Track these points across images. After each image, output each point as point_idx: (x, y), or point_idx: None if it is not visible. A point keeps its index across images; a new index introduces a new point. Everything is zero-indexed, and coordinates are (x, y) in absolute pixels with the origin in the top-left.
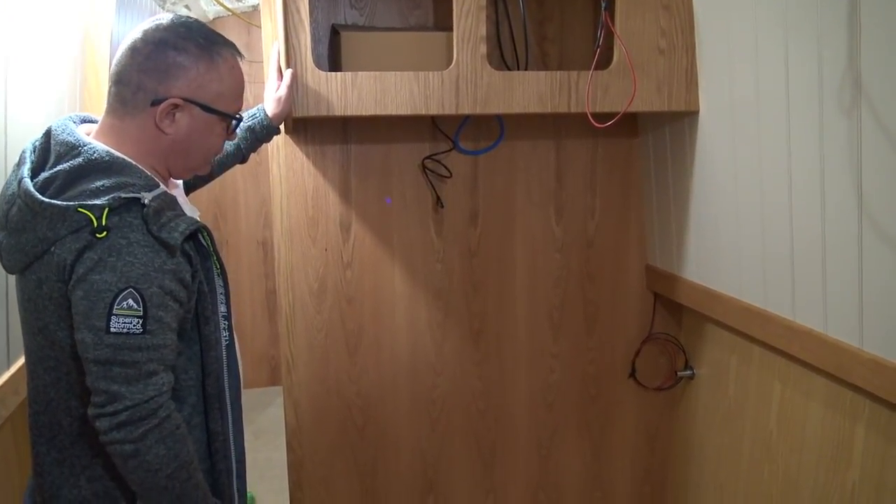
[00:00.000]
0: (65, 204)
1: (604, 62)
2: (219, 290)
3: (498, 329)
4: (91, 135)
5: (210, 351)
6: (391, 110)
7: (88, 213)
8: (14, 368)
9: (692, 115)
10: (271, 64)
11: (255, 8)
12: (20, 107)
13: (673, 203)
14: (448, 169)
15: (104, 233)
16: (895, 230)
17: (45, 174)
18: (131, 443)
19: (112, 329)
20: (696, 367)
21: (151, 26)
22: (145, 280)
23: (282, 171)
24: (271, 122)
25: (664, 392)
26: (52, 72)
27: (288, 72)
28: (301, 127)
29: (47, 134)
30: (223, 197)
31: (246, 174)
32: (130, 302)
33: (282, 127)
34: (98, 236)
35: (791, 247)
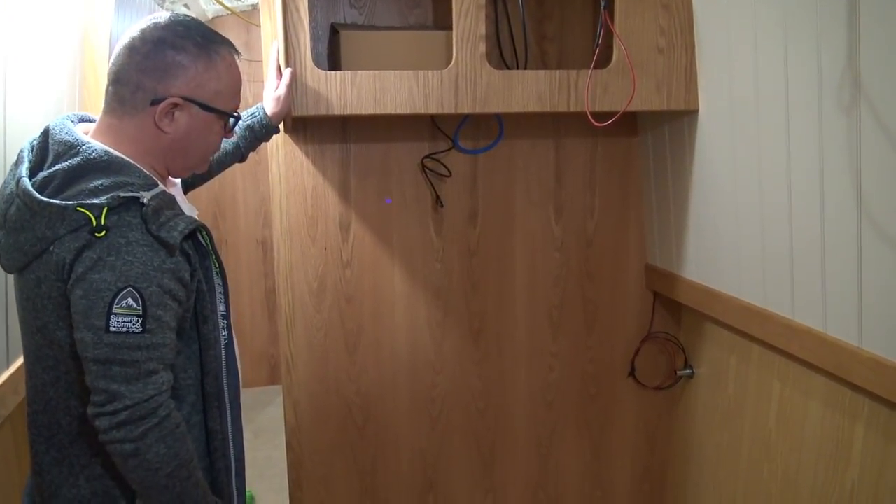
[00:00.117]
0: (64, 203)
1: (603, 61)
2: (217, 289)
3: (497, 328)
4: (89, 134)
5: (209, 350)
6: (390, 109)
7: (87, 213)
8: (13, 368)
9: (691, 114)
10: (270, 63)
11: (255, 7)
12: (19, 106)
13: (672, 202)
14: (447, 168)
15: (103, 232)
16: (894, 229)
17: (44, 173)
18: (131, 442)
19: (111, 328)
20: (696, 366)
21: (149, 25)
22: (144, 279)
23: (281, 170)
24: (270, 122)
25: (664, 391)
26: (51, 71)
27: (287, 71)
28: (300, 126)
29: (45, 133)
30: (222, 196)
31: (245, 173)
32: (130, 301)
33: (281, 126)
34: (97, 235)
35: (790, 246)
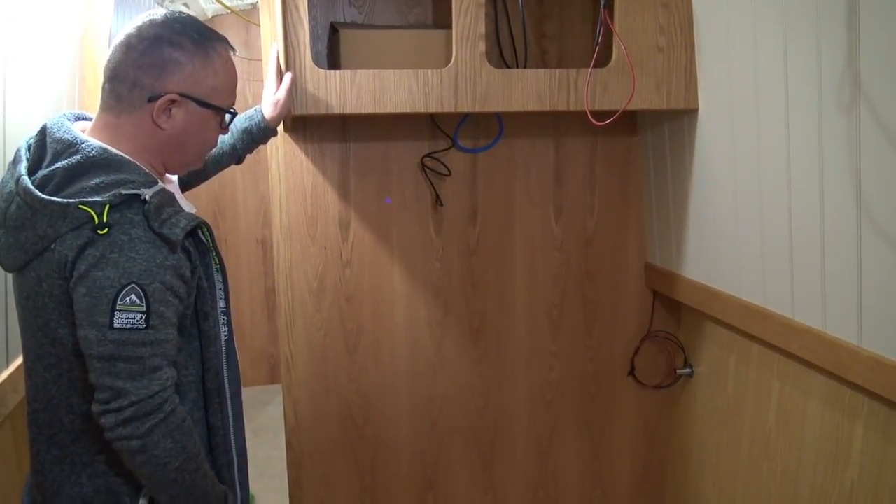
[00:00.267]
0: (66, 201)
1: (603, 60)
2: (218, 286)
3: (497, 327)
4: (86, 132)
5: (209, 346)
6: (390, 108)
7: (89, 210)
8: (13, 367)
9: (691, 113)
10: (270, 65)
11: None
12: (18, 106)
13: (672, 201)
14: (447, 167)
15: (105, 229)
16: (894, 228)
17: (43, 172)
18: (138, 438)
19: (115, 325)
20: (695, 365)
21: (146, 22)
22: (147, 276)
23: (281, 170)
24: (268, 125)
25: (663, 390)
26: (51, 71)
27: (287, 75)
28: (300, 125)
29: (42, 132)
30: (222, 195)
31: (245, 172)
32: (133, 298)
33: (280, 127)
34: (99, 233)
35: (790, 245)
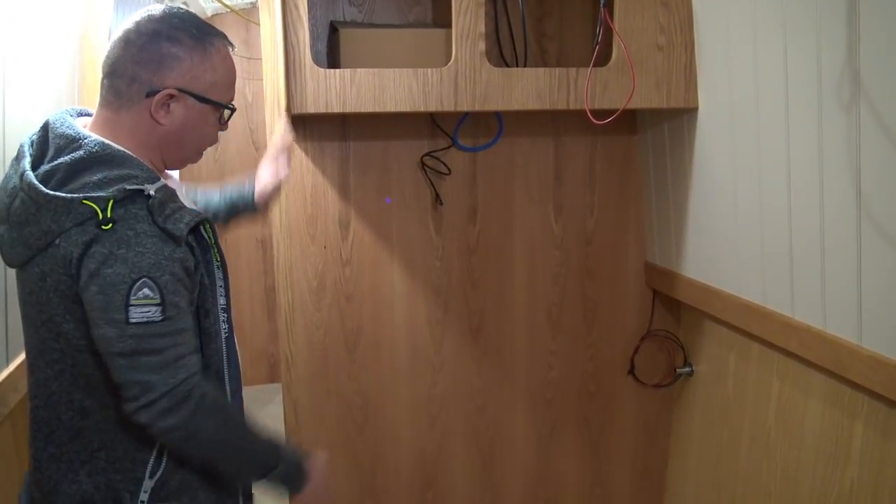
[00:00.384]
0: (70, 196)
1: (603, 59)
2: (218, 283)
3: (497, 326)
4: (87, 128)
5: (210, 343)
6: (390, 107)
7: (93, 206)
8: (13, 366)
9: (691, 112)
10: (274, 140)
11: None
12: (18, 105)
13: (672, 200)
14: (447, 166)
15: (110, 224)
16: (894, 226)
17: (46, 167)
18: (179, 428)
19: (132, 320)
20: (695, 364)
21: (144, 17)
22: (157, 269)
23: None
24: (255, 203)
25: (663, 389)
26: (50, 70)
27: (283, 162)
28: (300, 124)
29: (45, 127)
30: None
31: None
32: (146, 291)
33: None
34: (104, 228)
35: (790, 243)
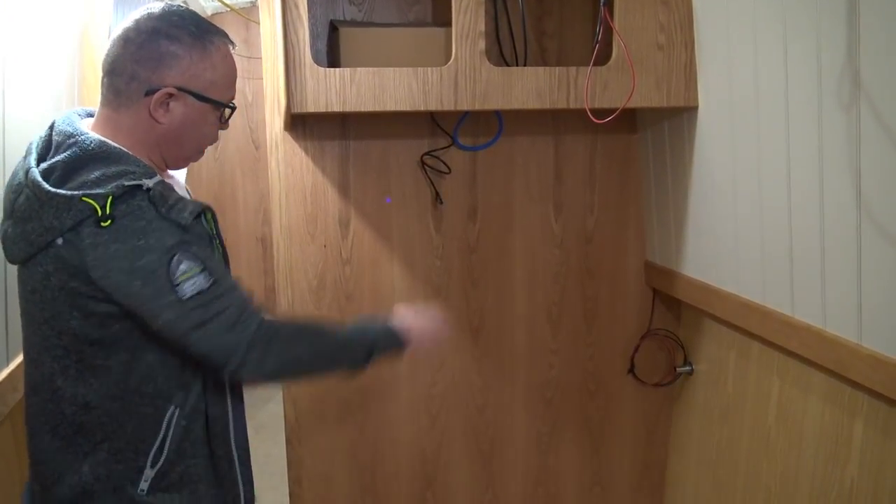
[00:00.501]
0: (70, 193)
1: (603, 58)
2: None
3: (497, 325)
4: (90, 128)
5: None
6: (390, 106)
7: (93, 203)
8: (13, 365)
9: (691, 111)
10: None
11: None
12: (18, 105)
13: (672, 199)
14: (447, 165)
15: (109, 221)
16: (894, 225)
17: (45, 165)
18: (279, 367)
19: (185, 295)
20: (695, 363)
21: (143, 16)
22: (182, 244)
23: (280, 168)
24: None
25: (663, 388)
26: (50, 69)
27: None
28: (300, 123)
29: (51, 126)
30: (222, 193)
31: (245, 170)
32: (184, 265)
33: (280, 126)
34: (103, 225)
35: (790, 242)
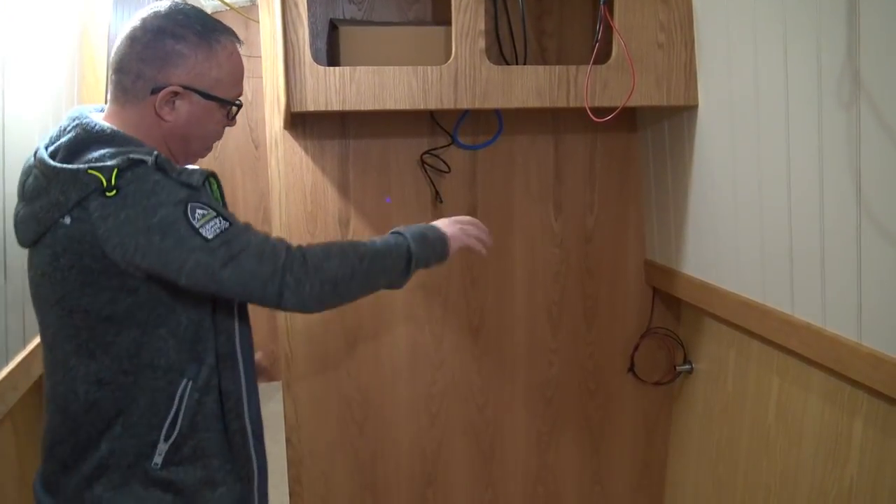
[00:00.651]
0: (75, 167)
1: (603, 57)
2: None
3: (497, 324)
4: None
5: (220, 310)
6: (390, 105)
7: (98, 175)
8: (13, 364)
9: (691, 110)
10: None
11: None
12: (18, 104)
13: (672, 198)
14: (447, 164)
15: (114, 192)
16: (894, 224)
17: (51, 148)
18: (318, 287)
19: (209, 235)
20: (695, 362)
21: (150, 14)
22: (193, 196)
23: (280, 167)
24: None
25: (663, 386)
26: (50, 69)
27: None
28: (299, 122)
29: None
30: None
31: (245, 169)
32: (200, 211)
33: (280, 125)
34: (108, 195)
35: (790, 241)
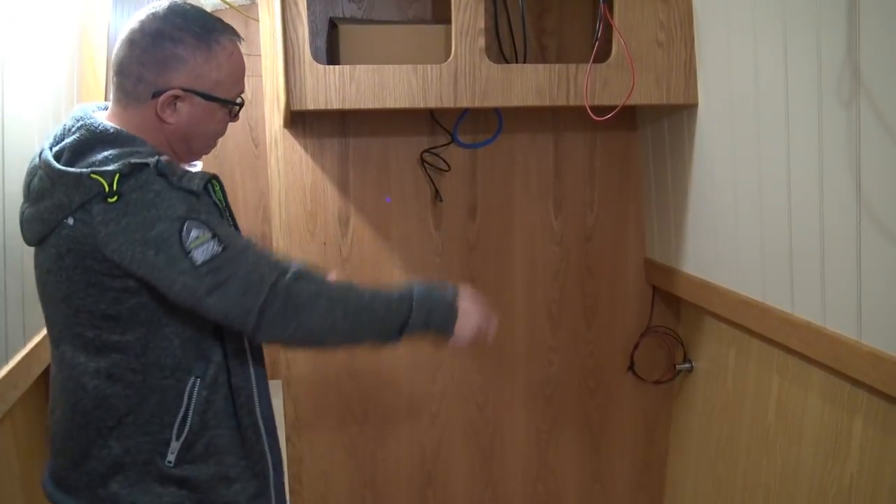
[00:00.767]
0: (79, 171)
1: (602, 55)
2: None
3: (497, 322)
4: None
5: None
6: (389, 104)
7: (100, 179)
8: (12, 363)
9: (691, 109)
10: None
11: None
12: (17, 104)
13: (671, 196)
14: (446, 162)
15: (115, 197)
16: (894, 222)
17: (56, 149)
18: (297, 328)
19: (198, 261)
20: (695, 361)
21: (148, 16)
22: (192, 211)
23: (280, 165)
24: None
25: (663, 385)
26: (50, 68)
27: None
28: (299, 120)
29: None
30: None
31: (244, 168)
32: (194, 232)
33: (280, 123)
34: (110, 201)
35: (789, 239)
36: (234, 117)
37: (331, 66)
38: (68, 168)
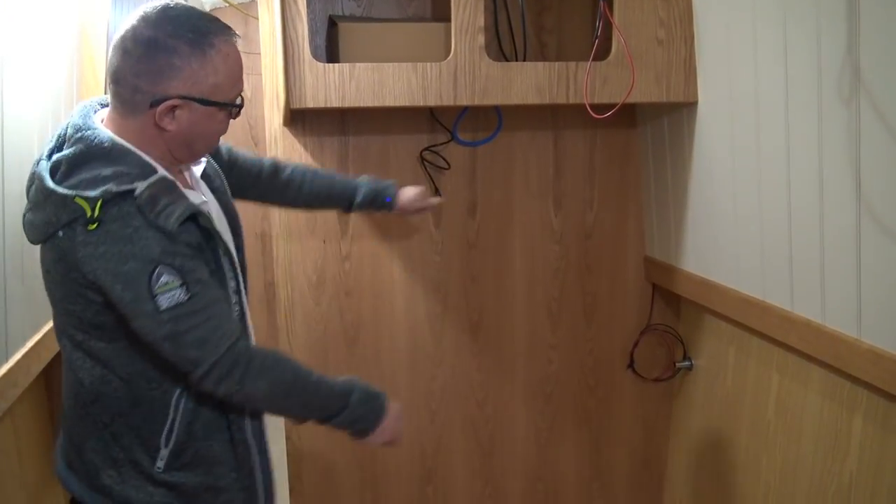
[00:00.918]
0: (65, 192)
1: (602, 53)
2: (226, 266)
3: (496, 320)
4: (104, 122)
5: None
6: (389, 102)
7: (83, 204)
8: (12, 361)
9: (691, 106)
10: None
11: None
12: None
13: (671, 194)
14: (446, 160)
15: (95, 224)
16: (893, 220)
17: (55, 158)
18: (236, 392)
19: (162, 307)
20: (695, 358)
21: (139, 21)
22: (167, 255)
23: None
24: (392, 204)
25: (662, 383)
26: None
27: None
28: (299, 118)
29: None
30: None
31: None
32: (165, 277)
33: (279, 122)
34: (90, 227)
35: (789, 237)
36: (236, 116)
37: (330, 65)
38: (56, 188)
